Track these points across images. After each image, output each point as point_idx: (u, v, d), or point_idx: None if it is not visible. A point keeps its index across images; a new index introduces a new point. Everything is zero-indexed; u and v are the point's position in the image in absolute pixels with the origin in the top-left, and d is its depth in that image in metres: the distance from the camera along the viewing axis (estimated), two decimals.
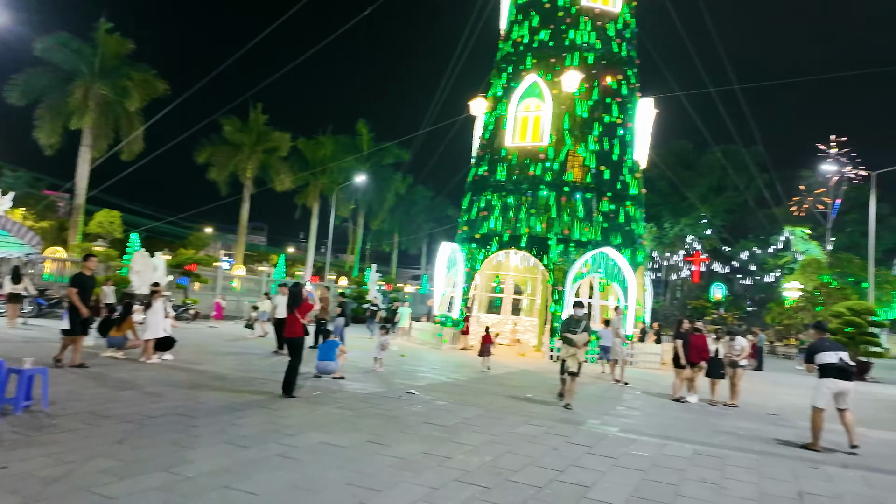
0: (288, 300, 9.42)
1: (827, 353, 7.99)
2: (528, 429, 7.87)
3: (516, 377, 13.74)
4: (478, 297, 23.91)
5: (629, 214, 21.55)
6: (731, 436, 8.58)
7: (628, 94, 22.15)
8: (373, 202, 51.84)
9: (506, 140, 21.90)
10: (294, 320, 9.04)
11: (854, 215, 48.01)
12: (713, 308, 48.47)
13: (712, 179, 50.59)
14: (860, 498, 5.78)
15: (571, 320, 9.99)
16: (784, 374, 21.91)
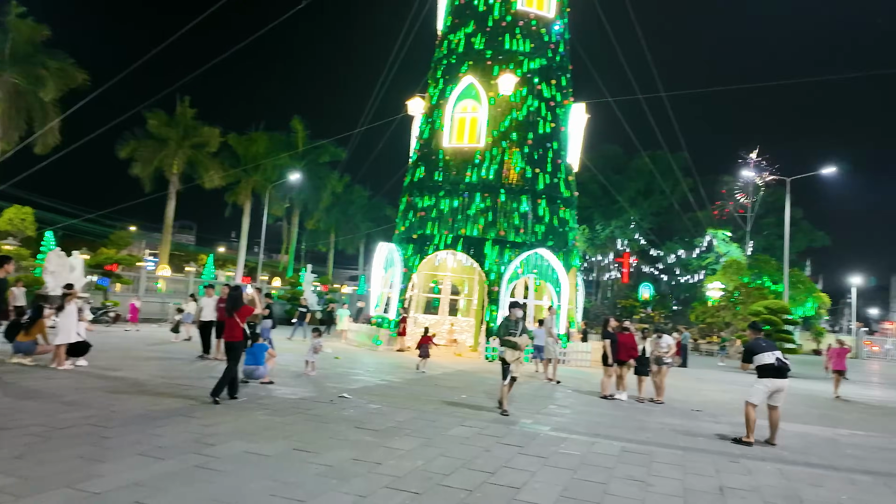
0: (228, 303, 9.28)
1: (765, 354, 8.38)
2: (462, 430, 7.82)
3: (452, 378, 13.72)
4: (415, 297, 23.80)
5: (562, 217, 21.98)
6: (657, 432, 8.84)
7: (561, 99, 22.58)
8: (308, 201, 50.79)
9: (443, 141, 21.89)
10: (234, 324, 8.91)
11: (771, 219, 51.02)
12: (641, 307, 50.28)
13: (641, 183, 52.51)
14: (776, 490, 6.05)
15: (510, 322, 9.52)
16: (707, 371, 22.94)
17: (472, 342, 22.11)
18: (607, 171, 50.27)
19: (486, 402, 10.30)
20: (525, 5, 22.06)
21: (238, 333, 8.90)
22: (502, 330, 9.62)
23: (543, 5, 22.46)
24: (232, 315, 8.95)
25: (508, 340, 9.35)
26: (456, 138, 21.93)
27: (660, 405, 11.74)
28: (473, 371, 15.45)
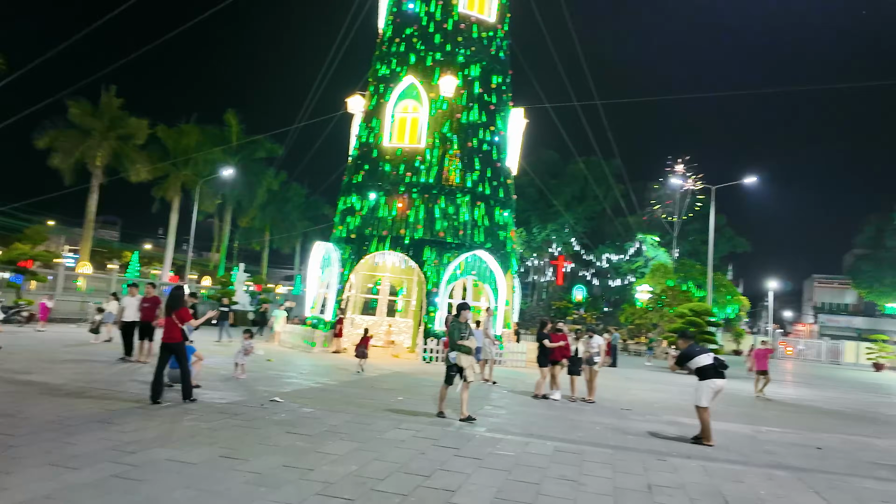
0: (168, 302, 9.09)
1: (702, 357, 8.71)
2: (397, 433, 7.73)
3: (389, 380, 13.58)
4: (353, 298, 23.47)
5: (501, 219, 22.22)
6: (589, 431, 9.03)
7: (501, 103, 22.85)
8: (242, 198, 49.26)
9: (383, 140, 21.71)
10: (172, 324, 8.76)
11: (696, 225, 53.43)
12: (574, 308, 51.56)
13: (576, 188, 53.90)
14: (700, 487, 6.28)
15: (461, 325, 9.16)
16: (635, 370, 23.72)
17: (410, 343, 22.02)
18: (544, 175, 51.35)
19: (423, 405, 10.24)
20: (467, 8, 22.18)
21: (177, 334, 8.77)
22: (455, 333, 9.14)
23: (485, 10, 22.65)
24: (171, 315, 8.81)
25: (462, 345, 8.98)
26: (396, 138, 21.80)
27: (591, 404, 12.02)
28: (411, 373, 15.37)
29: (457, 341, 9.03)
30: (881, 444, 9.92)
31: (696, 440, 8.62)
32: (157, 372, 8.65)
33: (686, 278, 43.65)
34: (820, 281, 78.77)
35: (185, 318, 8.88)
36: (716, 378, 8.60)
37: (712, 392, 8.61)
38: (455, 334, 9.11)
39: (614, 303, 54.89)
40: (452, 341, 9.08)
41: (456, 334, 9.10)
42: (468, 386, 9.21)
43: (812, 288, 79.73)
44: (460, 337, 9.04)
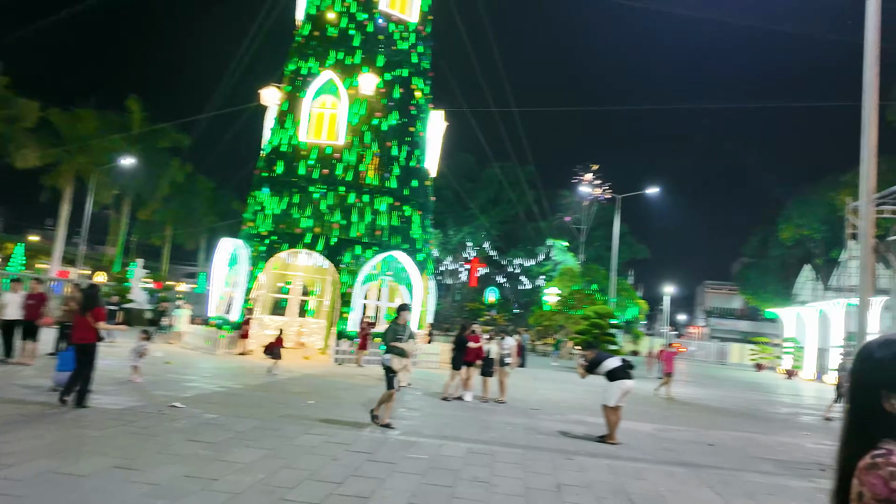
0: (82, 301, 8.70)
1: (610, 360, 9.13)
2: (308, 439, 7.49)
3: (299, 383, 13.19)
4: (262, 298, 22.66)
5: (419, 220, 22.22)
6: (500, 432, 9.17)
7: (422, 104, 22.87)
8: (143, 189, 46.30)
9: (299, 135, 21.11)
10: (86, 324, 8.33)
11: (601, 232, 55.92)
12: (487, 310, 52.49)
13: (491, 192, 54.93)
14: (606, 485, 6.52)
15: (398, 327, 8.86)
16: (543, 370, 24.45)
17: (322, 345, 21.54)
18: (461, 179, 51.93)
19: (336, 408, 10.02)
20: (388, 7, 22.03)
21: (91, 335, 8.36)
22: (389, 335, 8.80)
23: (406, 9, 22.59)
24: (85, 314, 8.39)
25: (396, 347, 8.68)
26: (313, 133, 21.28)
27: (502, 405, 12.24)
28: (323, 375, 15.01)
29: (390, 342, 8.72)
30: (764, 441, 10.76)
31: (602, 439, 8.97)
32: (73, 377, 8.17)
33: (591, 282, 45.58)
34: (711, 287, 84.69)
35: (99, 317, 8.44)
36: (625, 379, 9.00)
37: (621, 392, 9.00)
38: (390, 336, 8.82)
39: (524, 305, 56.38)
40: (386, 343, 8.81)
41: (391, 336, 8.80)
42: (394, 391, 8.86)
43: (704, 293, 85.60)
44: (396, 338, 8.70)
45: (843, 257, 46.47)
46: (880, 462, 1.26)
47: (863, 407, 1.40)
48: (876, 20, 7.90)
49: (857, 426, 1.41)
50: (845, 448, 1.41)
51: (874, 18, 7.93)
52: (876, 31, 7.91)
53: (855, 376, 1.46)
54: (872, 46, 7.88)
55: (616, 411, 9.02)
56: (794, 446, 10.37)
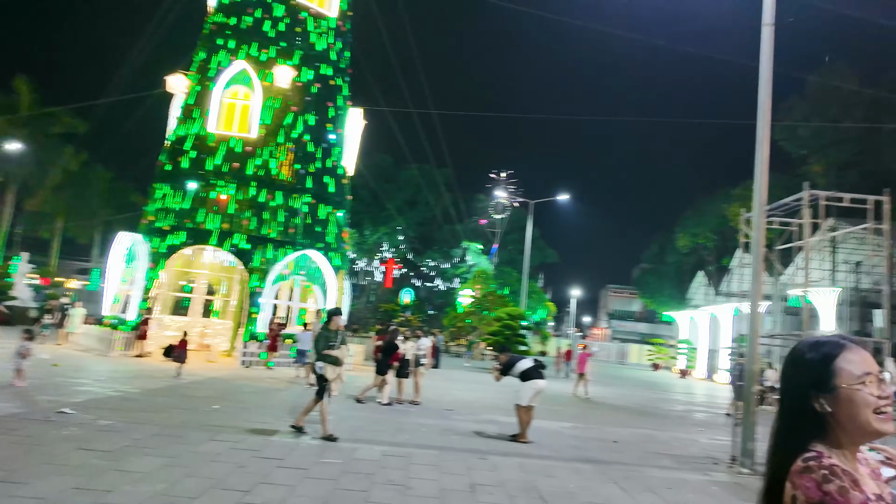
0: None
1: (523, 362, 9.33)
2: (213, 446, 7.12)
3: (203, 387, 12.54)
4: (162, 296, 21.41)
5: (334, 219, 21.79)
6: (415, 433, 9.14)
7: (340, 101, 22.47)
8: (31, 177, 42.50)
9: (208, 126, 20.13)
10: None
11: (514, 236, 57.39)
12: (401, 311, 52.41)
13: (408, 194, 54.94)
14: (518, 483, 6.64)
15: (330, 333, 8.38)
16: (456, 371, 24.68)
17: (228, 347, 20.65)
18: (378, 179, 51.58)
19: (243, 413, 9.61)
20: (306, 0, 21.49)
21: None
22: (322, 342, 8.28)
23: (325, 4, 22.13)
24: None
25: (329, 355, 8.26)
26: (223, 125, 20.36)
27: (417, 406, 12.22)
28: (229, 378, 14.37)
29: (323, 351, 8.24)
30: (662, 437, 11.38)
31: (514, 438, 9.15)
32: None
33: (504, 284, 46.62)
34: (613, 290, 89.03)
35: None
36: (537, 379, 9.23)
37: (534, 392, 9.22)
38: (322, 343, 8.31)
39: (439, 306, 56.79)
40: (318, 350, 8.29)
41: (323, 343, 8.30)
42: (329, 400, 8.49)
43: (607, 296, 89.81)
44: (328, 346, 8.23)
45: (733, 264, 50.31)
46: (813, 465, 1.26)
47: (793, 408, 1.40)
48: (770, 47, 8.58)
49: (787, 428, 1.40)
50: (776, 450, 1.40)
51: (768, 45, 8.60)
52: (770, 57, 8.59)
53: (785, 378, 1.46)
54: (766, 71, 8.55)
55: (528, 411, 9.23)
56: (689, 441, 11.05)
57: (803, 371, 1.39)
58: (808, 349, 1.41)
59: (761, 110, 8.51)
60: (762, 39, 8.81)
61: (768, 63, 8.61)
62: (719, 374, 39.08)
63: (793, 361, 1.44)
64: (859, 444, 1.39)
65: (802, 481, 1.26)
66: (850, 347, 1.39)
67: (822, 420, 1.34)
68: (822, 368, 1.37)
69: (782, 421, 1.42)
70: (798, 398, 1.38)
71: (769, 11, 9.10)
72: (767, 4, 9.12)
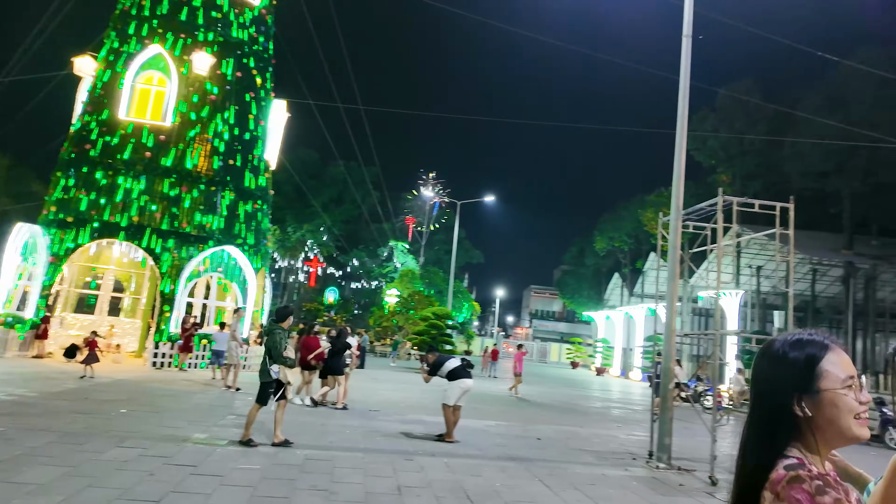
0: None
1: (451, 361, 9.23)
2: (119, 453, 6.62)
3: (109, 389, 11.71)
4: (64, 293, 19.91)
5: (255, 214, 21.01)
6: (339, 436, 8.90)
7: (263, 91, 21.69)
8: None
9: (119, 112, 18.88)
10: None
11: (441, 236, 57.64)
12: (326, 311, 51.44)
13: (334, 191, 53.98)
14: (445, 484, 6.57)
15: (283, 332, 7.94)
16: (382, 371, 24.44)
17: (137, 347, 19.47)
18: (303, 175, 50.36)
19: (153, 417, 9.02)
20: None
21: None
22: (281, 343, 7.76)
23: None
24: None
25: (289, 359, 7.81)
26: (135, 112, 19.18)
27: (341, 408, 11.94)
28: (137, 381, 13.51)
29: (282, 353, 7.73)
30: (583, 433, 11.69)
31: (440, 438, 9.10)
32: None
33: (430, 284, 46.71)
34: (535, 291, 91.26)
35: None
36: (465, 378, 9.21)
37: (461, 391, 9.19)
38: (281, 344, 7.75)
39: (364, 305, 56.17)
40: (277, 352, 7.72)
41: (282, 344, 7.76)
42: (285, 404, 8.02)
43: (530, 296, 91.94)
44: (285, 347, 7.77)
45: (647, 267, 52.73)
46: (803, 475, 1.16)
47: (772, 410, 1.28)
48: (688, 57, 8.97)
49: (763, 431, 1.28)
50: (750, 455, 1.28)
51: (687, 55, 8.99)
52: (688, 67, 8.98)
53: (762, 377, 1.33)
54: (685, 80, 8.93)
55: (456, 410, 9.21)
56: (609, 438, 11.40)
57: (784, 371, 1.29)
58: (791, 348, 1.30)
59: (680, 118, 8.90)
60: (682, 50, 9.21)
61: (686, 73, 9.00)
62: (634, 372, 40.86)
63: (771, 359, 1.32)
64: (833, 449, 1.31)
65: (792, 493, 1.15)
66: (833, 348, 1.30)
67: (797, 423, 1.26)
68: (805, 370, 1.27)
69: (757, 423, 1.30)
70: (777, 399, 1.28)
71: (688, 24, 9.53)
72: (686, 18, 9.56)
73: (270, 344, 7.83)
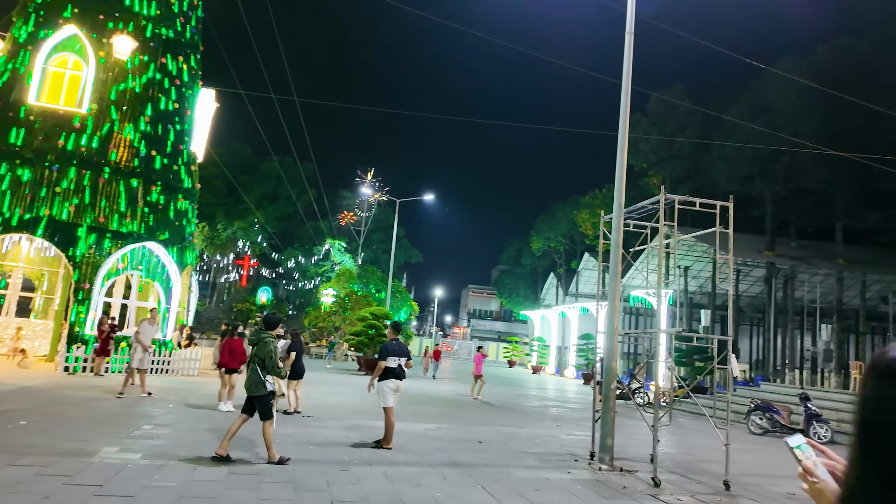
0: None
1: (392, 358, 8.56)
2: (12, 472, 5.83)
3: (11, 398, 10.58)
4: None
5: (180, 209, 19.82)
6: None
7: (189, 80, 20.48)
8: None
9: (28, 97, 17.35)
10: None
11: (379, 235, 56.87)
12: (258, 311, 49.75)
13: (268, 187, 52.26)
14: (382, 496, 6.14)
15: (275, 342, 7.43)
16: (317, 373, 23.64)
17: (49, 351, 17.98)
18: (235, 169, 48.49)
19: (59, 430, 8.13)
20: None
21: None
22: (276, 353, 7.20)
23: None
24: None
25: (282, 368, 7.20)
26: (47, 96, 17.69)
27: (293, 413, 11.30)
28: (46, 388, 12.33)
29: (277, 363, 7.16)
30: (524, 434, 11.50)
31: (378, 444, 8.64)
32: None
33: (368, 283, 45.91)
34: (474, 290, 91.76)
35: None
36: (393, 378, 8.65)
37: (391, 391, 8.68)
38: (275, 353, 7.16)
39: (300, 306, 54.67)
40: (272, 362, 7.11)
41: (276, 353, 7.19)
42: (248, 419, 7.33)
43: (468, 296, 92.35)
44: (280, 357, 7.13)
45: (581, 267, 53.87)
46: None
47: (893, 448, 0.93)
48: (630, 54, 8.90)
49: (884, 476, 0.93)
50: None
51: (629, 52, 8.92)
52: (630, 63, 8.91)
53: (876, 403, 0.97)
54: (627, 77, 8.85)
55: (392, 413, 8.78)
56: (549, 438, 11.25)
57: None
58: None
59: (623, 113, 8.82)
60: (625, 47, 9.13)
61: (628, 69, 8.94)
62: (568, 370, 41.56)
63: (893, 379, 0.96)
64: None
65: None
66: None
67: None
68: None
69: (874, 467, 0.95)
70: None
71: (630, 21, 9.49)
72: (630, 15, 9.51)
73: (263, 353, 7.15)
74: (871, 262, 32.62)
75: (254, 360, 7.20)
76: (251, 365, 7.24)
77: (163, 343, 18.21)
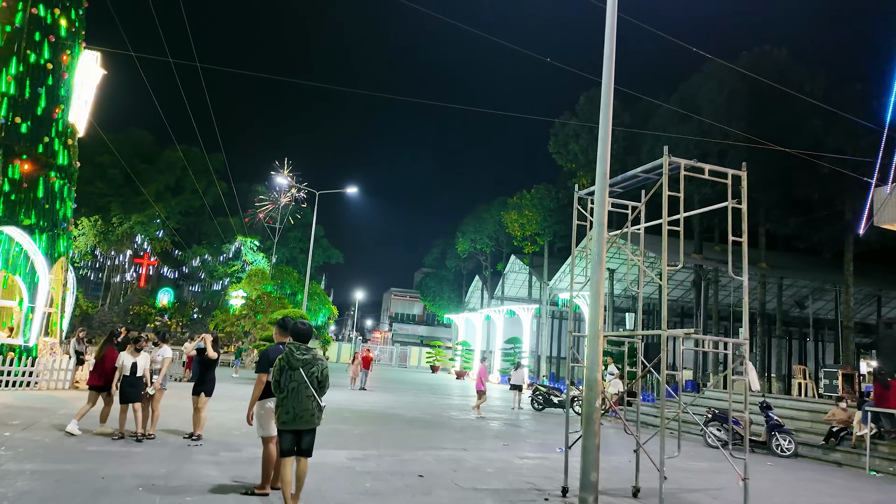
0: None
1: None
2: None
3: None
4: None
5: (52, 188, 16.53)
6: (129, 495, 5.86)
7: (68, 37, 17.23)
8: None
9: None
10: None
11: (296, 233, 53.49)
12: (158, 315, 45.34)
13: (171, 178, 47.73)
14: None
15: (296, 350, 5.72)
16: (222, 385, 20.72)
17: None
18: (133, 158, 43.86)
19: None
20: None
21: None
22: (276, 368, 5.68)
23: None
24: None
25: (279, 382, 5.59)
26: None
27: (150, 439, 8.76)
28: None
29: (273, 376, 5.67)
30: (470, 460, 9.51)
31: (250, 492, 6.23)
32: None
33: (283, 285, 42.69)
34: (396, 293, 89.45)
35: None
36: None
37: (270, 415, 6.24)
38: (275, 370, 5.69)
39: (205, 308, 50.32)
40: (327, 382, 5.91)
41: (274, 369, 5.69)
42: None
43: (390, 299, 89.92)
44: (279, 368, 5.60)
45: (506, 270, 52.95)
46: None
47: None
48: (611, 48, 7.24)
49: None
50: None
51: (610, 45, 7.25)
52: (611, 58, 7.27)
53: None
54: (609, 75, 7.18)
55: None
56: (501, 464, 9.32)
57: None
58: None
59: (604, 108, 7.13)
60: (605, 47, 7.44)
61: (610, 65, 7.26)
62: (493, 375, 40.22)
63: None
64: None
65: None
66: None
67: None
68: None
69: None
70: None
71: None
72: None
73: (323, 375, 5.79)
74: (790, 267, 33.38)
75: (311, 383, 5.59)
76: (305, 390, 5.53)
77: (24, 350, 14.99)
